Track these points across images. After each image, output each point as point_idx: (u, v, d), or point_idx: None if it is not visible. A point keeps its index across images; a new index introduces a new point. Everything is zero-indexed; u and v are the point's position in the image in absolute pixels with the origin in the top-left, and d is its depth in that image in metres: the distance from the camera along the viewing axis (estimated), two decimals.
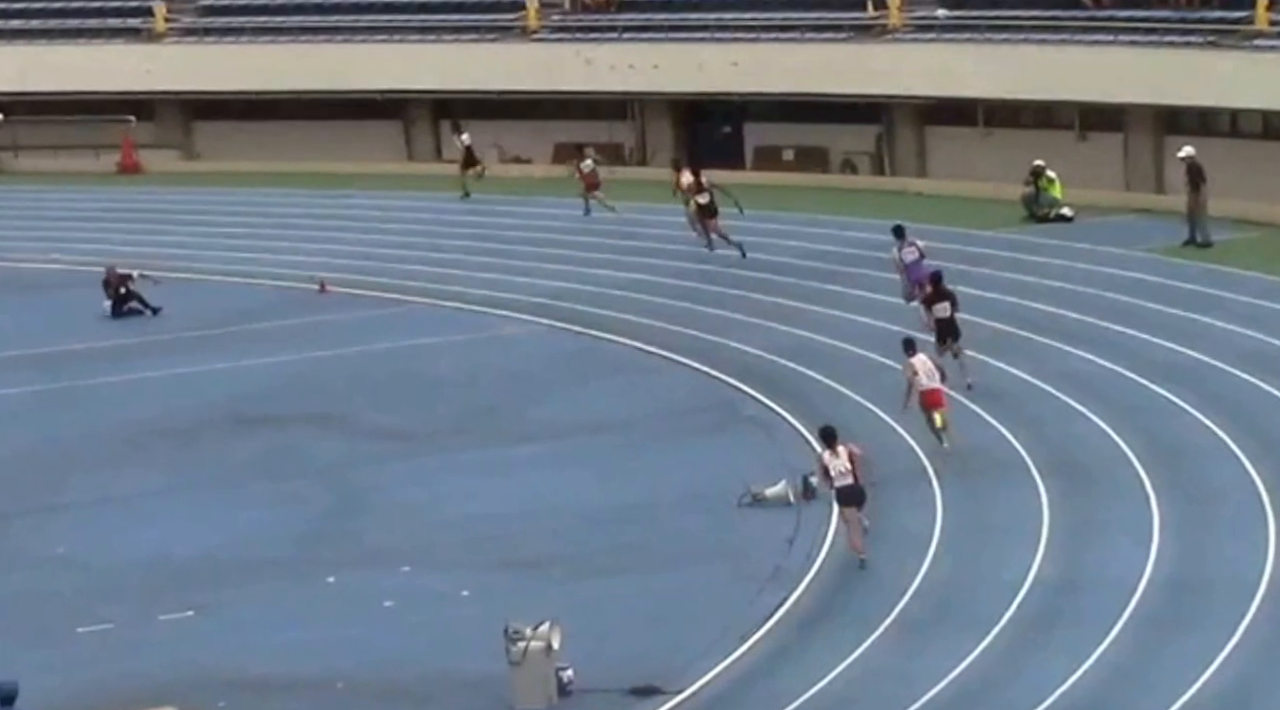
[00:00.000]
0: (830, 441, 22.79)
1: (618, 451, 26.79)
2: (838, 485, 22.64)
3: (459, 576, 22.68)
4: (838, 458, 22.57)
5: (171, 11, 49.05)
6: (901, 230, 32.37)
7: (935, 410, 25.37)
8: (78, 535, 24.69)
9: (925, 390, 25.36)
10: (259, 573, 23.19)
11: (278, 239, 40.04)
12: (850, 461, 22.56)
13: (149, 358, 32.11)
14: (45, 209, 43.83)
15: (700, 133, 45.97)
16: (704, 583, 22.25)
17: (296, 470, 26.72)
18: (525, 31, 46.34)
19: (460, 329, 33.06)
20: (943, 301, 28.42)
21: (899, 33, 42.92)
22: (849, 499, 22.61)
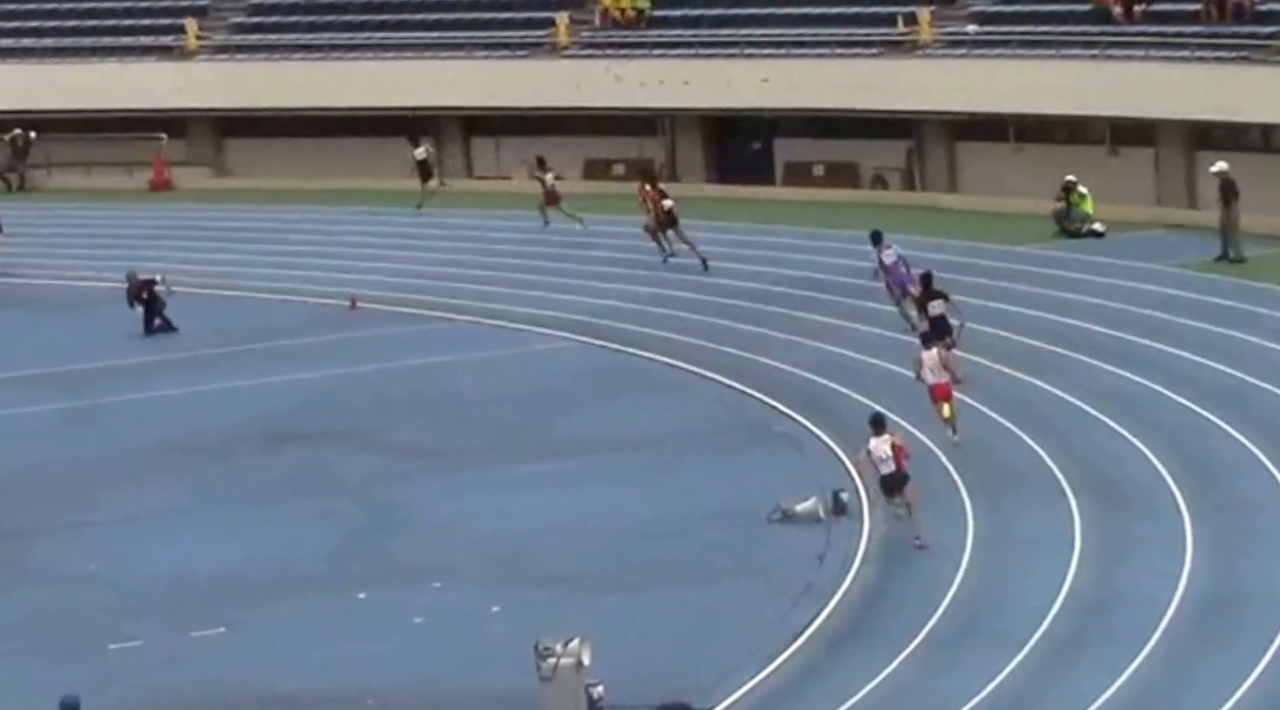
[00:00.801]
0: (879, 428, 23.57)
1: (649, 467, 26.75)
2: (882, 473, 23.36)
3: (489, 593, 22.67)
4: (883, 444, 23.32)
5: (203, 29, 49.21)
6: (879, 235, 32.89)
7: (943, 403, 26.22)
8: (108, 552, 24.73)
9: (933, 384, 26.23)
10: (290, 589, 23.20)
11: (308, 255, 40.10)
12: (893, 449, 23.30)
13: (179, 375, 32.18)
14: (77, 226, 43.97)
15: (730, 149, 45.95)
16: (734, 599, 22.20)
17: (327, 487, 26.74)
18: (555, 48, 46.38)
19: (491, 345, 33.07)
20: (934, 300, 29.23)
21: (929, 48, 42.86)
22: (891, 486, 23.36)
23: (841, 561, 23.02)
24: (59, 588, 23.67)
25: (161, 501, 26.47)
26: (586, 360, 32.06)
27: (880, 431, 23.59)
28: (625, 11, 46.27)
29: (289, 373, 31.95)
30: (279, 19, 49.44)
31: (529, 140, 46.73)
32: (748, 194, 43.53)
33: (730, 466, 26.56)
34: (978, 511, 24.25)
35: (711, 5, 45.85)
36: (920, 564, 22.77)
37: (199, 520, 25.73)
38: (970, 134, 42.70)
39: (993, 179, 41.91)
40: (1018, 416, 27.47)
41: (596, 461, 27.05)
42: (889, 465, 23.29)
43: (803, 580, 22.54)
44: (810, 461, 26.53)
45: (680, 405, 29.34)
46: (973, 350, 30.74)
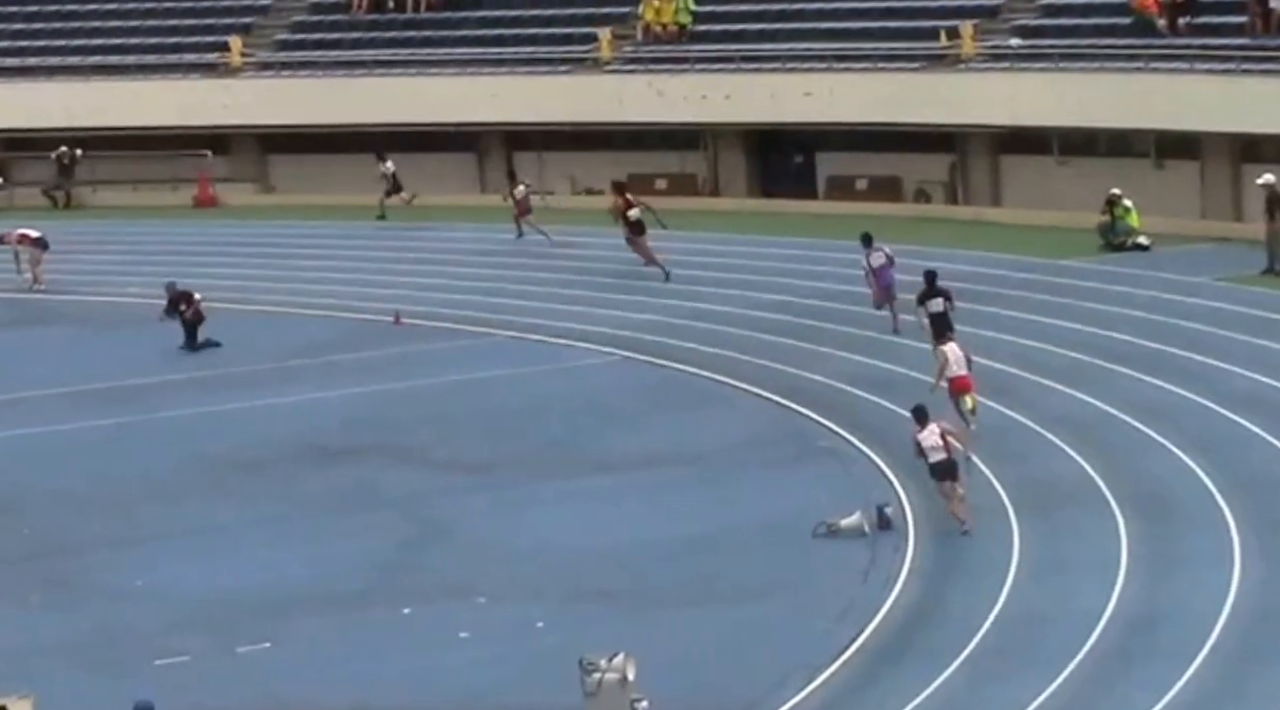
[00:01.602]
0: (922, 419, 24.24)
1: (693, 482, 26.75)
2: (931, 460, 24.01)
3: (534, 608, 22.69)
4: (930, 434, 23.96)
5: (247, 46, 49.45)
6: (869, 238, 33.46)
7: (964, 394, 27.16)
8: (155, 568, 24.83)
9: (955, 377, 27.17)
10: (336, 605, 23.26)
11: (352, 271, 40.22)
12: (942, 438, 23.96)
13: (226, 391, 32.30)
14: (123, 243, 44.20)
15: (773, 163, 45.94)
16: (779, 614, 22.18)
17: (373, 502, 26.81)
18: (598, 63, 46.46)
19: (535, 360, 33.11)
20: (936, 298, 30.27)
21: (972, 62, 42.80)
22: (943, 473, 23.98)
23: (886, 577, 22.97)
24: (106, 603, 23.77)
25: (208, 517, 26.57)
26: (630, 375, 32.07)
27: (925, 422, 24.25)
28: (667, 26, 46.33)
29: (334, 388, 32.04)
30: (322, 36, 49.65)
31: (571, 155, 46.86)
32: (790, 208, 43.52)
33: (775, 481, 26.54)
34: (1023, 527, 24.16)
35: (754, 20, 45.88)
36: (965, 579, 22.71)
37: (245, 536, 25.82)
38: (1014, 147, 42.62)
39: (1037, 192, 41.81)
40: (1063, 431, 27.37)
41: (641, 476, 27.06)
42: (939, 453, 23.97)
43: (847, 596, 22.50)
44: (855, 476, 26.49)
45: (724, 420, 29.32)
46: (1018, 364, 30.72)
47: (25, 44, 50.84)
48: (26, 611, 23.61)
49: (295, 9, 50.83)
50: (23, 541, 25.97)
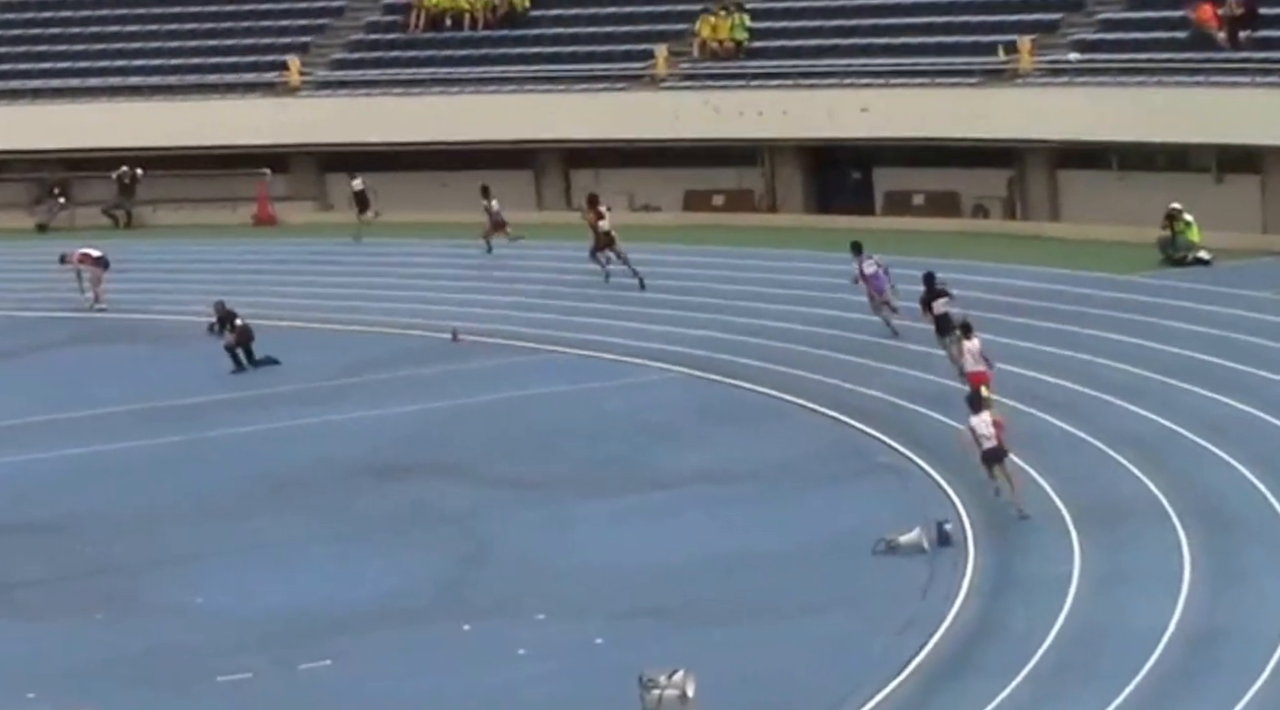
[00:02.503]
0: (977, 407, 25.38)
1: (751, 499, 26.70)
2: (984, 448, 25.03)
3: (593, 624, 22.68)
4: (983, 422, 25.04)
5: (305, 65, 49.70)
6: (859, 246, 34.46)
7: (982, 387, 27.64)
8: (216, 585, 24.93)
9: (972, 372, 28.35)
10: (395, 621, 23.31)
11: (410, 289, 40.34)
12: (993, 425, 25.00)
13: (284, 408, 32.42)
14: (183, 262, 44.46)
15: (829, 178, 45.87)
16: (838, 631, 22.10)
17: (431, 520, 26.86)
18: (654, 80, 46.49)
19: (593, 377, 33.13)
20: (939, 299, 31.52)
21: (1030, 77, 42.64)
22: (994, 458, 25.01)
23: (946, 593, 22.87)
24: (169, 620, 23.88)
25: (268, 535, 26.66)
26: (688, 391, 32.05)
27: (979, 410, 25.29)
28: (724, 43, 46.34)
29: (393, 406, 32.13)
30: (380, 54, 49.85)
31: (628, 172, 46.88)
32: (847, 224, 43.36)
33: (833, 497, 26.47)
34: (1084, 542, 24.03)
35: (810, 36, 45.84)
36: (1026, 595, 22.59)
37: (305, 553, 25.90)
38: (1073, 162, 42.43)
39: (1096, 207, 41.60)
40: (1123, 446, 27.22)
41: (699, 493, 27.02)
42: (991, 441, 24.97)
43: (907, 612, 22.41)
44: (913, 492, 26.40)
45: (782, 436, 29.27)
46: (1078, 380, 30.58)
47: (86, 65, 51.22)
48: (89, 628, 23.74)
49: (353, 28, 51.06)
50: (85, 559, 26.12)
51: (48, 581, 25.27)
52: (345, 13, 51.37)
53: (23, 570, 25.58)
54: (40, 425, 32.11)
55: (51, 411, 32.74)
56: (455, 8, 49.54)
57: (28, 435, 31.62)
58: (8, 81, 51.24)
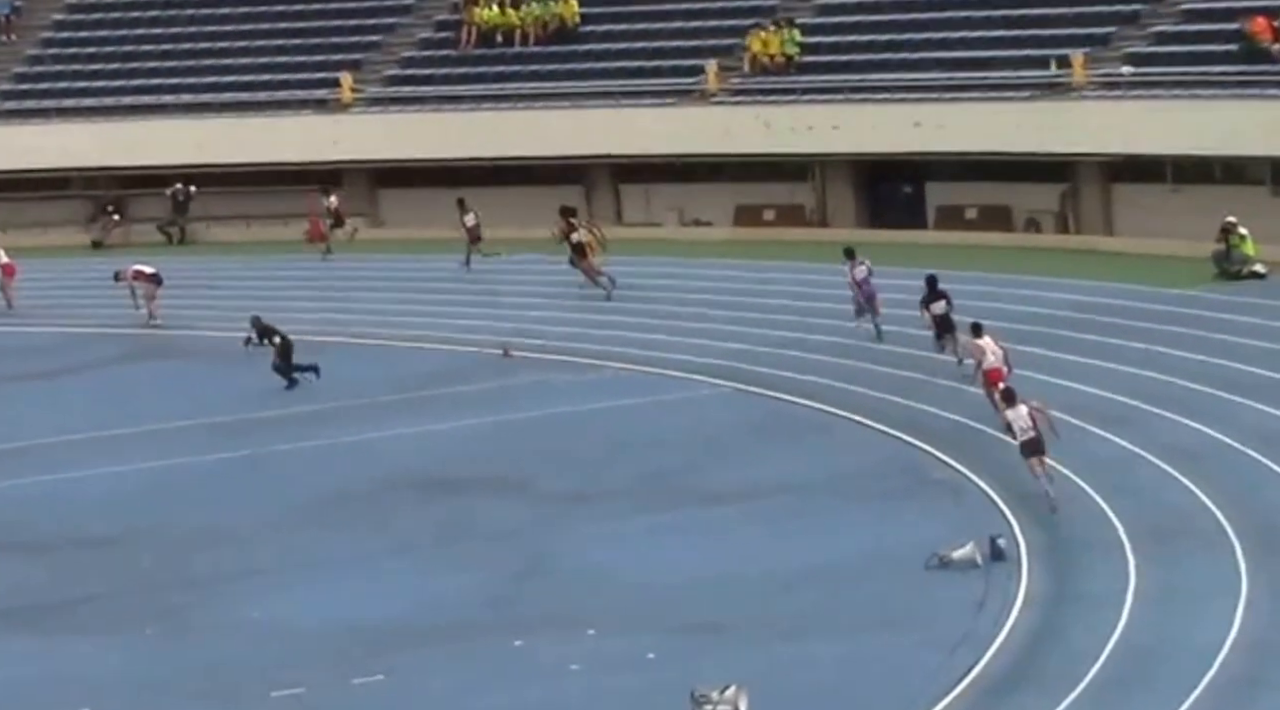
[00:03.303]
0: (1011, 399, 25.83)
1: (803, 514, 26.63)
2: (1021, 439, 25.61)
3: (644, 640, 22.64)
4: (1020, 414, 25.61)
5: (357, 82, 49.90)
6: (851, 252, 35.36)
7: (997, 385, 28.41)
8: (269, 600, 24.99)
9: (989, 369, 29.05)
10: (448, 637, 23.31)
11: (462, 304, 40.41)
12: (1030, 417, 25.58)
13: (337, 424, 32.49)
14: (236, 278, 44.65)
15: (881, 193, 45.79)
16: (891, 647, 22.01)
17: (482, 534, 26.87)
18: (705, 95, 46.50)
19: (644, 392, 33.10)
20: (939, 301, 32.24)
21: (1083, 90, 42.49)
22: (1032, 450, 25.66)
23: (1000, 608, 22.75)
24: (224, 635, 23.94)
25: (321, 550, 26.72)
26: (740, 406, 32.00)
27: (1014, 403, 25.88)
28: (774, 57, 46.32)
29: (445, 421, 32.17)
30: (432, 71, 50.01)
31: (679, 187, 46.91)
32: (899, 238, 43.32)
33: (886, 513, 26.37)
34: (1139, 558, 23.87)
35: (861, 50, 45.79)
36: (1081, 610, 22.45)
37: (358, 568, 25.93)
38: (1126, 176, 42.25)
39: (1150, 221, 41.39)
40: (1179, 461, 27.04)
41: (751, 508, 26.96)
42: (1029, 433, 25.60)
43: (961, 627, 22.29)
44: (967, 507, 26.28)
45: (835, 451, 29.19)
46: (1132, 394, 30.42)
47: (140, 83, 51.54)
48: (146, 643, 23.82)
49: (405, 44, 51.25)
50: (140, 574, 26.22)
51: (104, 597, 25.37)
52: (397, 29, 51.56)
53: (80, 586, 25.70)
54: (95, 441, 32.27)
55: (106, 428, 32.90)
56: (506, 24, 49.68)
57: (83, 451, 31.78)
58: (63, 100, 51.61)
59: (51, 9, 55.03)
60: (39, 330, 40.84)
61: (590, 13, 49.30)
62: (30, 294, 42.96)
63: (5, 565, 26.22)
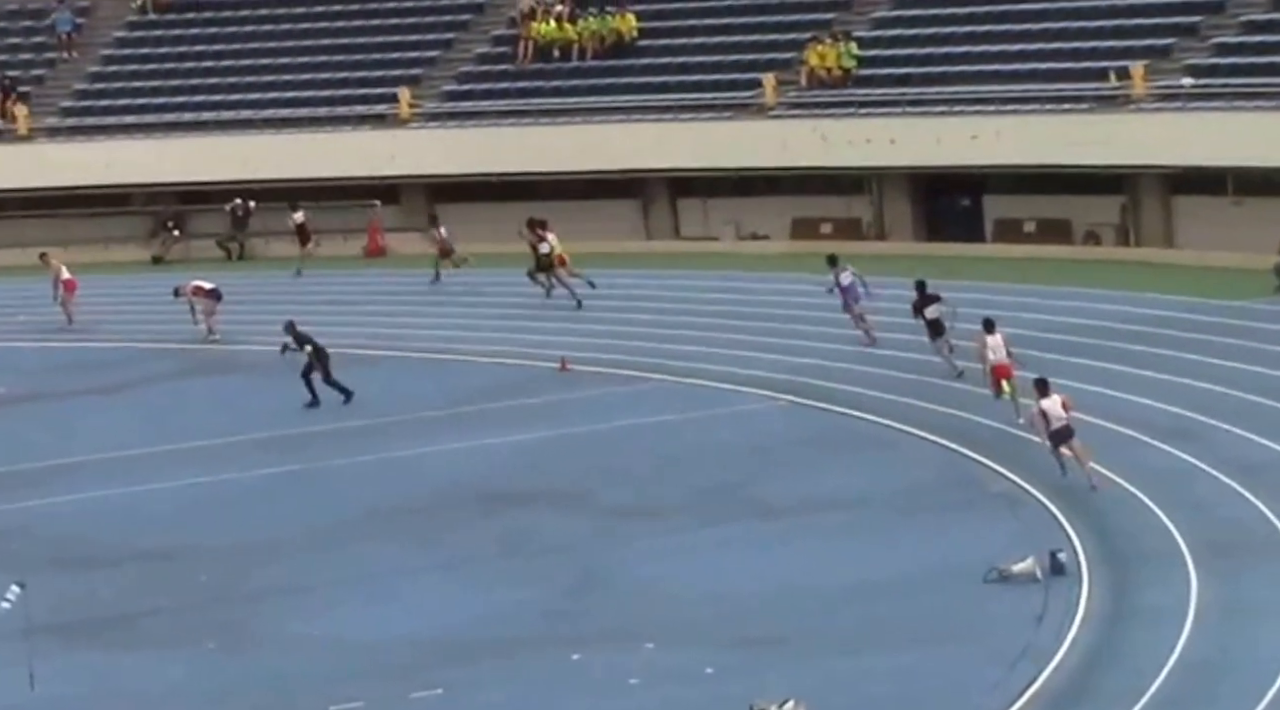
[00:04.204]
0: (1045, 390, 26.86)
1: (861, 528, 26.53)
2: (1054, 427, 26.63)
3: (702, 653, 22.57)
4: (1054, 403, 26.57)
5: (415, 97, 50.07)
6: (835, 258, 36.43)
7: (1005, 380, 30.07)
8: (327, 615, 25.03)
9: (996, 364, 30.27)
10: (506, 650, 23.30)
11: (519, 318, 40.47)
12: (1063, 406, 26.64)
13: (393, 438, 32.55)
14: (295, 293, 44.82)
15: (939, 206, 45.65)
16: (950, 661, 21.88)
17: (539, 548, 26.87)
18: (762, 108, 46.46)
19: (700, 405, 33.06)
20: (930, 305, 33.45)
21: (1143, 102, 42.27)
22: (1064, 437, 26.65)
23: (1060, 623, 22.60)
24: (281, 649, 24.00)
25: (379, 564, 26.75)
26: (796, 420, 31.92)
27: (1047, 393, 26.83)
28: (831, 71, 46.26)
29: (501, 435, 32.20)
30: (489, 86, 50.14)
31: (736, 201, 46.90)
32: (957, 251, 43.18)
33: (944, 526, 26.24)
34: (1201, 573, 23.68)
35: (919, 63, 45.68)
36: (1142, 625, 22.28)
37: (415, 582, 25.96)
38: (1186, 188, 42.00)
39: (1211, 233, 41.14)
40: (1239, 474, 26.82)
41: (808, 521, 26.88)
42: (1062, 420, 26.58)
43: (1020, 642, 22.15)
44: (1026, 521, 26.13)
45: (892, 464, 29.08)
46: (1193, 408, 30.20)
47: (201, 99, 51.86)
48: (204, 658, 23.89)
49: (462, 60, 51.41)
50: (199, 588, 26.31)
51: (165, 611, 25.46)
52: (455, 45, 51.74)
53: (141, 600, 25.80)
54: (154, 456, 32.43)
55: (165, 442, 33.05)
56: (564, 38, 49.79)
57: (142, 466, 31.93)
58: (124, 116, 51.97)
59: (113, 26, 55.47)
60: (98, 345, 41.09)
61: (648, 27, 49.35)
62: (90, 309, 43.23)
63: (68, 580, 26.35)
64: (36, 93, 53.45)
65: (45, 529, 29.00)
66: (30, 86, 53.49)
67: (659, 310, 40.12)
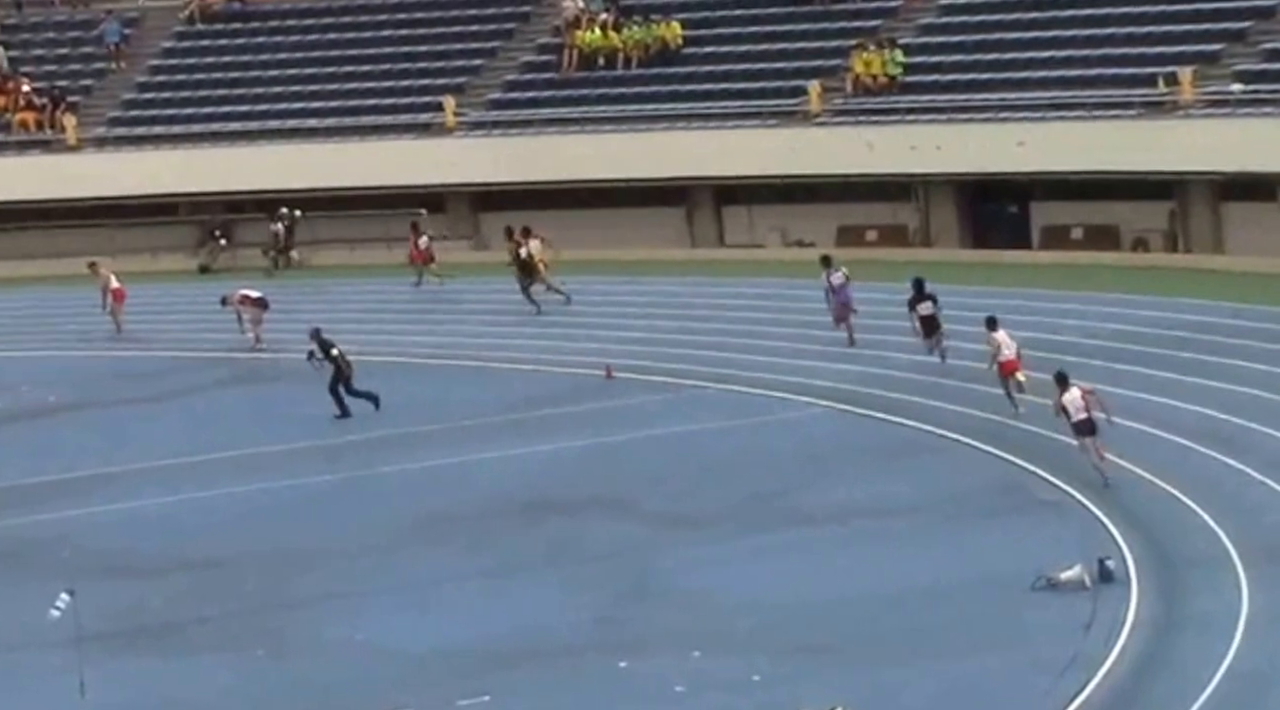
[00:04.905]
0: (1065, 384, 27.36)
1: (907, 535, 26.43)
2: (1075, 420, 27.15)
3: (749, 661, 22.51)
4: (1073, 396, 27.13)
5: (460, 106, 50.15)
6: (828, 259, 37.23)
7: (1014, 374, 30.79)
8: (374, 622, 25.05)
9: (1004, 360, 30.87)
10: (552, 657, 23.29)
11: (564, 326, 40.47)
12: (1083, 399, 27.16)
13: (439, 446, 32.57)
14: (341, 302, 44.92)
15: (986, 213, 45.49)
16: (998, 669, 21.77)
17: (587, 555, 26.84)
18: (807, 116, 46.39)
19: (746, 413, 33.00)
20: (925, 302, 33.96)
21: (1192, 108, 42.04)
22: (1084, 430, 27.22)
23: (1109, 631, 22.46)
24: (328, 657, 24.03)
25: (425, 572, 26.77)
26: (843, 427, 31.83)
27: (1067, 386, 27.35)
28: (877, 78, 46.16)
29: (547, 443, 32.19)
30: (534, 94, 50.19)
31: (781, 208, 46.81)
32: (1004, 258, 43.03)
33: (992, 533, 26.12)
34: (1252, 581, 23.50)
35: (965, 70, 45.54)
36: (1192, 633, 22.12)
37: (462, 590, 25.97)
38: (1236, 194, 41.74)
39: (1261, 239, 40.87)
40: None
41: (856, 528, 26.79)
42: (1082, 413, 27.13)
43: (1069, 650, 22.03)
44: (1074, 529, 25.99)
45: (940, 471, 28.96)
46: (1242, 414, 29.99)
47: (247, 108, 52.06)
48: (251, 665, 23.94)
49: (507, 68, 51.48)
50: (246, 596, 26.37)
51: (214, 619, 25.53)
52: (500, 53, 51.81)
53: (190, 608, 25.87)
54: (202, 464, 32.53)
55: (212, 451, 33.16)
56: (608, 47, 49.80)
57: (190, 474, 32.04)
58: (171, 126, 52.20)
59: (161, 36, 55.73)
60: (145, 354, 41.25)
61: (692, 35, 49.33)
62: (138, 319, 43.40)
63: (116, 588, 26.44)
64: (85, 103, 53.74)
65: (93, 537, 29.12)
66: (79, 97, 53.79)
67: (704, 318, 40.07)
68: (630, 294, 42.93)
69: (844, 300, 36.34)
